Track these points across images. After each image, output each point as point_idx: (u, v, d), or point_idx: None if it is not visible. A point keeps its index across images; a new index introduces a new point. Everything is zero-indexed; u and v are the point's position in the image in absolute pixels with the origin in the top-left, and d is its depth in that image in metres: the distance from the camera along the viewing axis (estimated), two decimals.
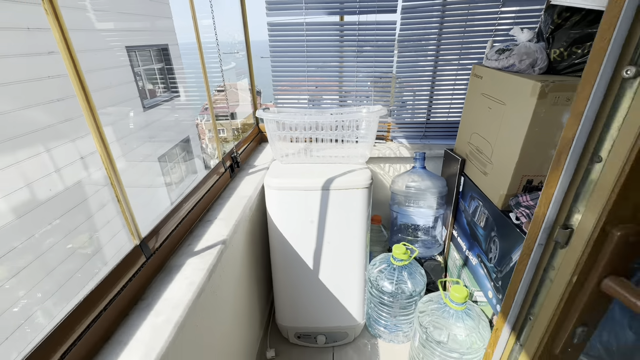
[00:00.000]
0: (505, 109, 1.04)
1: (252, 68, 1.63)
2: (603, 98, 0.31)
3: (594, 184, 0.34)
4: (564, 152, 0.35)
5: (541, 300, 0.42)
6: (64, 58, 0.56)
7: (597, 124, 0.32)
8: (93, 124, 0.62)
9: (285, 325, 1.40)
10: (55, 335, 0.53)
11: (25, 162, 2.06)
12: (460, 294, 1.08)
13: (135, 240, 0.73)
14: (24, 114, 2.11)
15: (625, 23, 0.27)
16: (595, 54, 0.30)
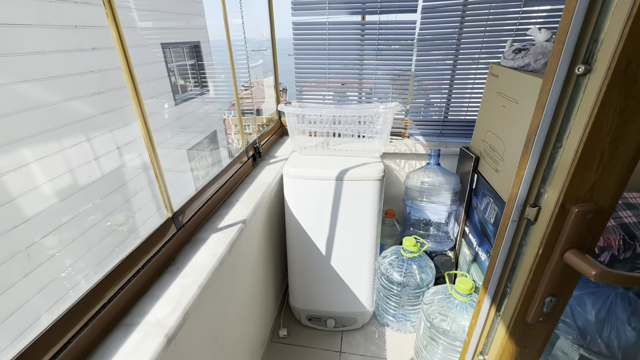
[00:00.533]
0: (518, 107, 1.06)
1: (276, 65, 1.73)
2: (561, 91, 0.36)
3: (555, 166, 0.39)
4: (531, 139, 0.40)
5: (516, 273, 0.48)
6: (119, 54, 0.66)
7: (558, 114, 0.37)
8: (139, 111, 0.72)
9: (298, 307, 1.48)
10: (102, 283, 0.64)
11: (68, 150, 2.27)
12: (466, 286, 1.12)
13: (169, 213, 0.84)
14: (69, 106, 2.33)
15: (576, 28, 0.32)
16: (554, 54, 0.35)
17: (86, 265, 2.14)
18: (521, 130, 1.04)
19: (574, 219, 0.38)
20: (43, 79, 2.09)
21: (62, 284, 1.97)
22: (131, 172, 2.90)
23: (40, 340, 0.52)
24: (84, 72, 2.44)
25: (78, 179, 2.33)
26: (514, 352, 0.53)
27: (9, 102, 1.80)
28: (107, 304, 0.64)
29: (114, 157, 2.77)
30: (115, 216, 2.54)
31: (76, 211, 2.23)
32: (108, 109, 2.69)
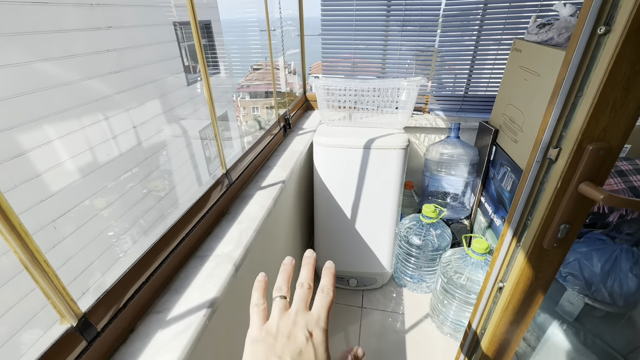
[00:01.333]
0: (540, 80, 1.13)
1: (303, 43, 1.79)
2: (584, 49, 0.44)
3: (576, 112, 0.48)
4: (557, 91, 0.49)
5: (537, 207, 0.57)
6: (192, 25, 0.76)
7: (581, 68, 0.46)
8: (205, 80, 0.82)
9: (321, 265, 1.62)
10: (177, 225, 0.77)
11: (89, 128, 2.35)
12: (482, 245, 1.23)
13: (223, 169, 0.96)
14: (87, 84, 2.40)
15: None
16: (581, 18, 0.43)
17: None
18: (542, 100, 1.11)
19: (589, 155, 0.48)
20: (61, 57, 2.14)
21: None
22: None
23: (138, 265, 0.65)
24: (100, 51, 2.51)
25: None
26: (530, 277, 0.64)
27: (31, 80, 1.86)
28: (182, 240, 0.77)
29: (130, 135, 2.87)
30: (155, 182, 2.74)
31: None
32: (123, 88, 2.75)
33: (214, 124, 0.89)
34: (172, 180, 3.20)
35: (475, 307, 0.77)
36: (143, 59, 3.07)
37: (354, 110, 1.50)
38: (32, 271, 0.43)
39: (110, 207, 2.29)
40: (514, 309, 0.69)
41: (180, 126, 3.87)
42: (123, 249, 2.35)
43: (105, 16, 2.55)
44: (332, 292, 0.33)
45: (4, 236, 0.40)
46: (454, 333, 1.37)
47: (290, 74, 6.05)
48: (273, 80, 1.43)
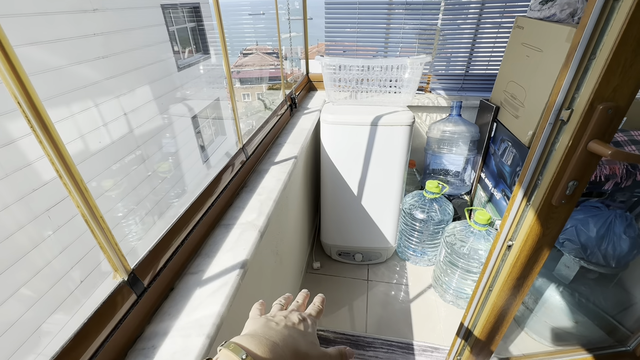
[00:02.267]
0: (542, 55, 1.17)
1: (306, 24, 1.79)
2: (599, 13, 0.48)
3: (589, 74, 0.52)
4: (572, 53, 0.53)
5: (548, 166, 0.62)
6: None
7: (595, 32, 0.50)
8: (226, 60, 0.84)
9: (329, 243, 1.68)
10: (201, 197, 0.80)
11: (78, 115, 2.31)
12: (483, 216, 1.29)
13: (240, 144, 0.99)
14: (75, 70, 2.34)
15: None
16: None
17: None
18: (544, 75, 1.15)
19: (599, 114, 0.52)
20: (47, 41, 2.08)
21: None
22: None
23: (171, 231, 0.68)
24: (87, 35, 2.44)
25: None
26: (538, 234, 0.69)
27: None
28: (207, 210, 0.80)
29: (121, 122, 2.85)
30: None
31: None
32: (113, 74, 2.69)
33: (233, 102, 0.91)
34: (178, 159, 3.20)
35: (484, 268, 0.83)
36: (132, 44, 3.00)
37: (359, 89, 1.52)
38: (92, 225, 0.46)
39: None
40: (521, 265, 0.75)
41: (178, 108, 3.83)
42: (153, 220, 2.41)
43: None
44: (321, 307, 0.40)
45: (72, 195, 0.43)
46: (455, 300, 1.45)
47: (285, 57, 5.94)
48: (281, 61, 1.43)
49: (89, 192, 0.45)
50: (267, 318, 0.35)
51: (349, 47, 1.78)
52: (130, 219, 2.26)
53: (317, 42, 3.21)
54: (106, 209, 2.14)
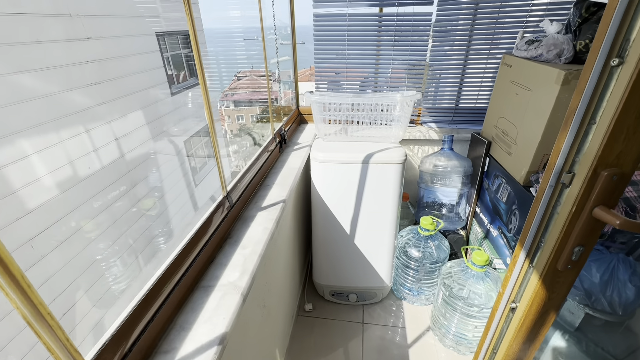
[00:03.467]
0: (532, 94, 1.16)
1: (296, 56, 1.79)
2: (597, 79, 0.45)
3: (590, 139, 0.49)
4: (570, 117, 0.50)
5: (550, 230, 0.58)
6: (192, 41, 0.74)
7: (594, 97, 0.47)
8: (206, 102, 0.80)
9: (321, 283, 1.60)
10: (181, 254, 0.73)
11: (68, 141, 2.27)
12: (482, 257, 1.24)
13: (224, 192, 0.93)
14: (67, 96, 2.32)
15: (613, 29, 0.42)
16: (594, 49, 0.45)
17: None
18: (535, 116, 1.14)
19: (603, 181, 0.49)
20: (39, 69, 2.07)
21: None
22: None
23: (142, 303, 0.61)
24: (80, 62, 2.44)
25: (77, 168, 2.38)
26: (544, 298, 0.64)
27: (5, 93, 1.76)
28: (186, 271, 0.74)
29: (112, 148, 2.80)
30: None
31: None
32: (104, 100, 2.69)
33: (215, 145, 0.87)
34: (162, 193, 3.12)
35: (487, 328, 0.77)
36: (125, 70, 3.02)
37: (350, 125, 1.50)
38: (36, 326, 0.39)
39: (101, 227, 2.19)
40: (527, 329, 0.69)
41: (165, 137, 3.79)
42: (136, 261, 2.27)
43: (85, 27, 2.49)
44: None
45: (5, 291, 0.36)
46: (456, 346, 1.37)
47: (275, 82, 6.07)
48: (269, 96, 1.41)
49: (33, 289, 0.38)
50: None
51: (337, 78, 1.78)
52: (111, 261, 2.15)
53: (310, 65, 3.24)
54: (83, 250, 2.03)
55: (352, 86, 1.78)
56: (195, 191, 4.66)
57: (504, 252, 1.32)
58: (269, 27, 1.60)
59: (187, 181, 4.21)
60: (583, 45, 1.10)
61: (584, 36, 1.10)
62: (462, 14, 1.52)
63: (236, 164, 6.20)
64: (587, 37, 1.08)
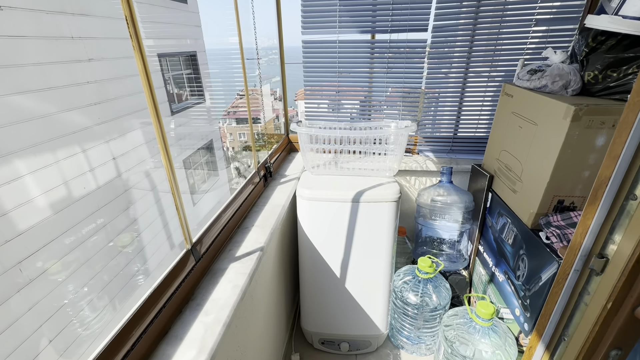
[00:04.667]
0: (537, 129, 1.06)
1: (284, 79, 1.71)
2: (638, 145, 0.34)
3: (629, 218, 0.37)
4: (601, 189, 0.38)
5: (576, 322, 0.45)
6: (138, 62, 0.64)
7: (633, 166, 0.36)
8: (160, 134, 0.70)
9: (310, 330, 1.44)
10: (127, 327, 0.61)
11: (64, 161, 2.21)
12: (487, 310, 1.09)
13: (188, 245, 0.81)
14: (65, 116, 2.27)
15: None
16: (632, 106, 0.34)
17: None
18: (542, 152, 1.03)
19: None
20: (39, 90, 2.04)
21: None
22: (140, 193, 2.90)
23: None
24: (80, 83, 2.41)
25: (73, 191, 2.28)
26: None
27: (3, 114, 1.75)
28: (130, 350, 0.60)
29: (109, 168, 2.72)
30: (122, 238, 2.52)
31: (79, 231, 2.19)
32: (103, 119, 2.65)
33: (175, 193, 0.75)
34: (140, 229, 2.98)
35: None
36: (125, 90, 3.00)
37: (340, 156, 1.39)
38: None
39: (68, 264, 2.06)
40: None
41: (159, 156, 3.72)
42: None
43: (87, 49, 2.49)
44: None
45: None
46: None
47: (277, 100, 6.02)
48: (251, 128, 1.31)
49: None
50: None
51: (330, 104, 1.69)
52: (80, 304, 2.00)
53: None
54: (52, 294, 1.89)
55: (344, 115, 1.69)
56: (194, 210, 4.54)
57: (512, 301, 1.18)
58: (262, 48, 1.53)
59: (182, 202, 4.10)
60: (592, 76, 1.00)
61: (593, 67, 1.00)
62: (459, 40, 1.44)
63: (237, 180, 6.13)
64: (597, 67, 0.99)
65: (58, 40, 2.24)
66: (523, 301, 1.10)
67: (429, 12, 1.42)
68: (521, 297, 1.11)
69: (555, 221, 1.00)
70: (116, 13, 3.00)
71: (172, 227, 3.42)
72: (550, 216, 1.03)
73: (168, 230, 3.42)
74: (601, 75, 0.98)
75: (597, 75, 0.99)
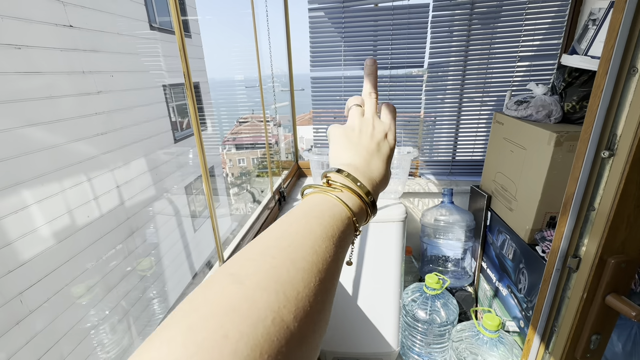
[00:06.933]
0: (527, 153, 1.18)
1: (294, 108, 1.86)
2: (590, 169, 0.46)
3: (592, 225, 0.48)
4: (568, 203, 0.49)
5: (562, 314, 0.55)
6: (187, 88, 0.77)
7: (589, 184, 0.47)
8: (205, 175, 0.81)
9: (324, 349, 1.49)
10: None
11: (69, 190, 2.29)
12: (493, 322, 1.16)
13: (220, 262, 0.91)
14: (72, 147, 2.39)
15: (599, 124, 0.43)
16: (583, 141, 0.46)
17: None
18: (532, 174, 1.15)
19: (611, 268, 0.47)
20: (48, 122, 2.16)
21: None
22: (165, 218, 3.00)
23: None
24: (88, 114, 2.55)
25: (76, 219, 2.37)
26: None
27: (12, 145, 1.82)
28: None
29: (113, 196, 2.82)
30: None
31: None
32: (110, 149, 2.76)
33: (212, 215, 0.86)
34: (157, 244, 3.07)
35: None
36: (132, 120, 3.15)
37: None
38: None
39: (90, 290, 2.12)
40: None
41: (166, 183, 3.84)
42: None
43: (96, 82, 2.64)
44: (376, 94, 0.40)
45: None
46: None
47: (276, 126, 6.31)
48: (268, 156, 1.44)
49: None
50: (354, 137, 0.36)
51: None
52: (101, 327, 2.04)
53: (309, 110, 3.39)
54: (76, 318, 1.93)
55: None
56: (194, 237, 4.60)
57: (517, 313, 1.25)
58: (269, 76, 1.69)
59: (184, 230, 4.17)
60: (570, 107, 1.14)
61: (570, 98, 1.14)
62: (452, 74, 1.61)
63: (236, 206, 6.23)
64: (573, 99, 1.13)
65: (70, 75, 2.40)
66: (526, 313, 1.17)
67: (424, 50, 1.60)
68: (524, 309, 1.19)
69: (549, 236, 1.10)
70: (123, 49, 3.22)
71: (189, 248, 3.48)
72: (544, 231, 1.13)
73: (188, 251, 3.48)
74: (578, 106, 1.12)
75: (575, 106, 1.13)
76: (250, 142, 9.95)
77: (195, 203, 5.28)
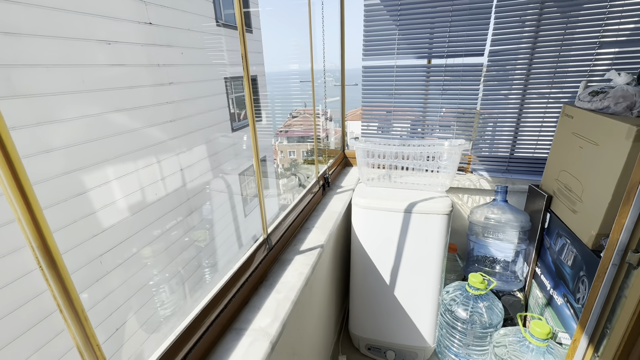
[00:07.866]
0: (598, 149, 1.06)
1: (344, 101, 1.88)
2: None
3: None
4: (633, 191, 0.44)
5: (617, 314, 0.50)
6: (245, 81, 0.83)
7: None
8: (256, 151, 0.88)
9: (358, 334, 1.51)
10: (217, 295, 0.77)
11: (142, 170, 2.59)
12: (542, 330, 1.08)
13: (264, 234, 0.98)
14: (147, 131, 2.70)
15: None
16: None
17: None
18: (603, 172, 1.03)
19: None
20: (130, 108, 2.46)
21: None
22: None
23: (182, 336, 0.65)
24: (161, 103, 2.85)
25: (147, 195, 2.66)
26: None
27: (102, 128, 2.13)
28: (220, 312, 0.76)
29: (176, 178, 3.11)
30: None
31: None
32: (177, 134, 3.06)
33: (259, 187, 0.93)
34: (212, 222, 3.36)
35: None
36: (196, 109, 3.45)
37: (394, 170, 1.49)
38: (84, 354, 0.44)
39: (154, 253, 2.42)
40: None
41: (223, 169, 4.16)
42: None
43: (169, 74, 2.95)
44: None
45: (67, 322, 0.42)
46: None
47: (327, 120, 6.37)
48: (315, 142, 1.48)
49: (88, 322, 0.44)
50: None
51: (385, 123, 1.81)
52: (160, 287, 2.30)
53: (361, 105, 3.42)
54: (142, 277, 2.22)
55: (399, 131, 1.79)
56: (244, 221, 4.90)
57: (571, 325, 1.14)
58: (322, 70, 1.72)
59: (236, 213, 4.49)
60: None
61: None
62: (516, 63, 1.49)
63: (284, 196, 6.50)
64: None
65: (148, 67, 2.71)
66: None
67: (485, 38, 1.50)
68: None
69: None
70: (192, 43, 3.51)
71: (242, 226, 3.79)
72: None
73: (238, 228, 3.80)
74: None
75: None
76: (301, 135, 10.22)
77: (247, 190, 5.61)
